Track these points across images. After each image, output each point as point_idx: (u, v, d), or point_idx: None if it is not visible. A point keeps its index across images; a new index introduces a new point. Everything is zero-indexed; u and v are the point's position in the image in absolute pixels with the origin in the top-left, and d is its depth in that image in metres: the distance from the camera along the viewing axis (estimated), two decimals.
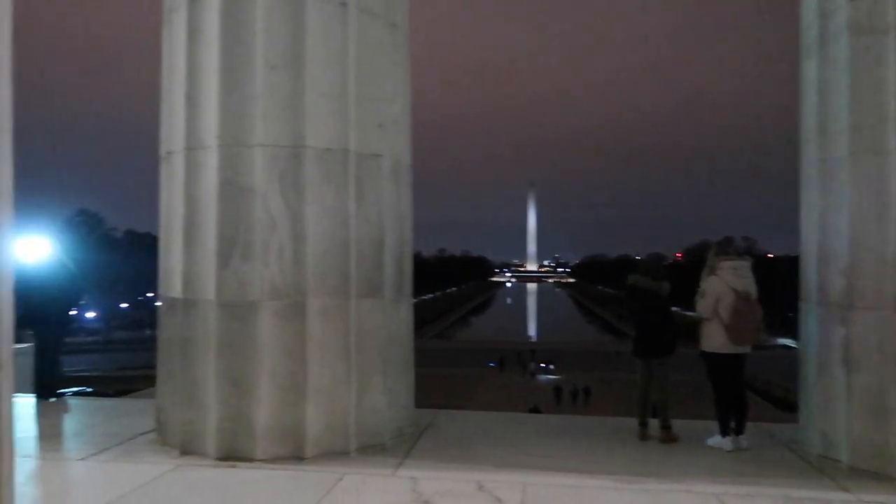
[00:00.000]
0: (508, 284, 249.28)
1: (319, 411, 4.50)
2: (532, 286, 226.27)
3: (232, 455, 4.38)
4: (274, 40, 4.57)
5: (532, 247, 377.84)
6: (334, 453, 4.50)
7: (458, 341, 72.31)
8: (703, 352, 5.10)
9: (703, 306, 5.07)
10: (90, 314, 61.26)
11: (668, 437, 5.11)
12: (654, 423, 5.23)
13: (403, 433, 5.01)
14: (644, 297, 5.42)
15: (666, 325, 5.37)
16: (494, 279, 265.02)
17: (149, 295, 62.84)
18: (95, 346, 56.71)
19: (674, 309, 5.57)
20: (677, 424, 5.24)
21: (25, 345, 6.42)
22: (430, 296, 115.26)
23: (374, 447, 4.67)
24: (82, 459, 4.39)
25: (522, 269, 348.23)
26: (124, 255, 59.93)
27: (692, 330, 5.17)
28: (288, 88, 4.59)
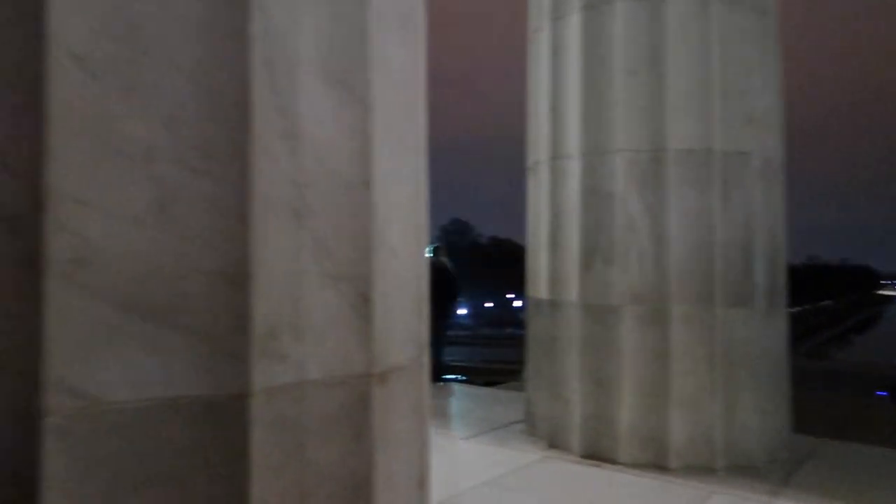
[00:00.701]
0: None
1: (683, 421, 4.35)
2: None
3: (595, 454, 4.51)
4: (632, 46, 4.59)
5: None
6: (699, 468, 4.30)
7: (837, 362, 62.74)
8: None
9: None
10: (461, 311, 69.00)
11: None
12: None
13: (777, 458, 4.55)
14: None
15: None
16: (884, 292, 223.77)
17: (508, 296, 68.34)
18: (466, 339, 63.57)
19: None
20: None
21: None
22: (800, 308, 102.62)
23: (744, 468, 4.33)
24: (465, 439, 4.99)
25: None
26: (488, 259, 66.26)
27: None
28: (647, 92, 4.56)
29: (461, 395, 6.85)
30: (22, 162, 1.00)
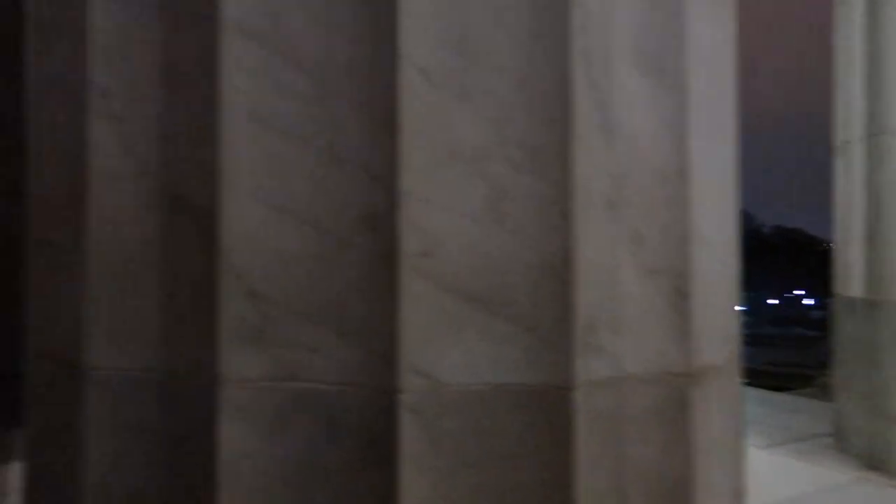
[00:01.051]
0: None
1: None
2: None
3: None
4: None
5: None
6: None
7: None
8: None
9: None
10: (740, 307, 63.45)
11: None
12: None
13: None
14: None
15: None
16: None
17: (796, 292, 61.12)
18: (746, 338, 58.28)
19: None
20: None
21: None
22: None
23: None
24: (762, 448, 4.57)
25: None
26: (773, 251, 59.94)
27: None
28: None
29: (750, 400, 6.28)
30: (381, 167, 1.14)
